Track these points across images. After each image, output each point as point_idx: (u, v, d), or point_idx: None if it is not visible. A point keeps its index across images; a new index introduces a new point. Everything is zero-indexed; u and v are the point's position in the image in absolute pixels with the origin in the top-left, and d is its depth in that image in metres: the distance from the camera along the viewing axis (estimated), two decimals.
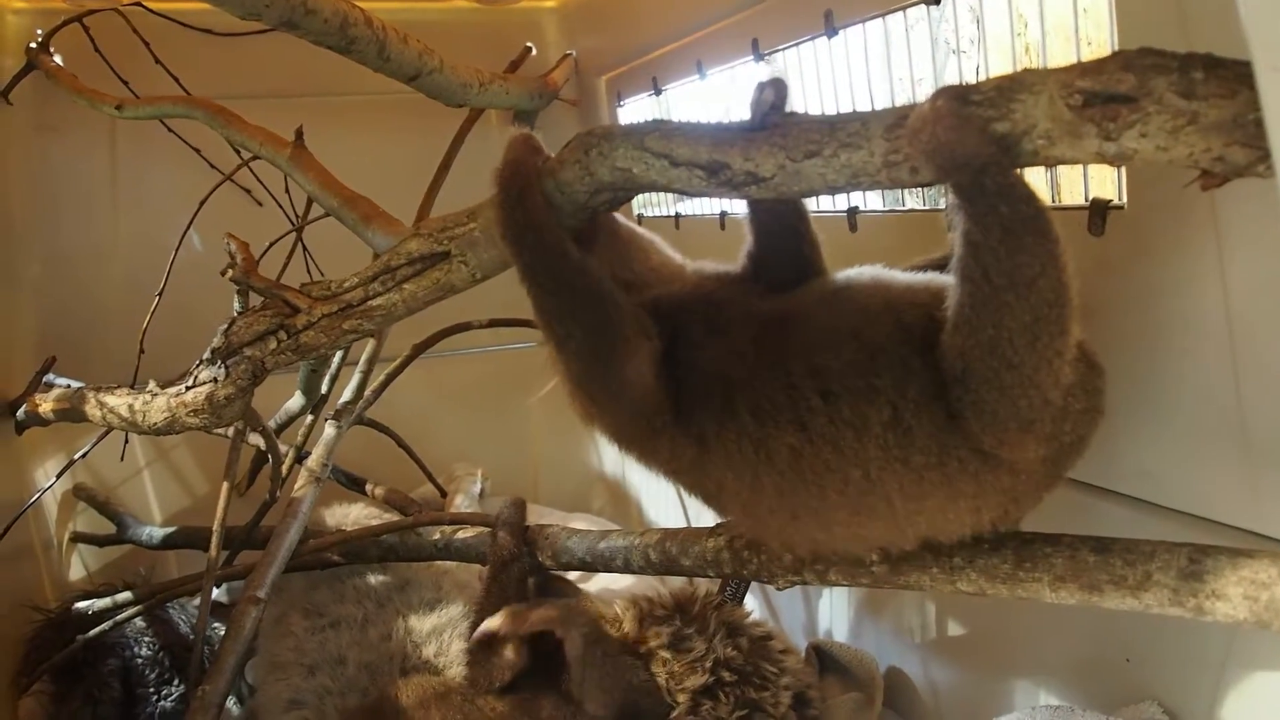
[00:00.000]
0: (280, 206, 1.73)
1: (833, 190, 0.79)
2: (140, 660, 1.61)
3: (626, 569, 1.20)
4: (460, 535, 1.42)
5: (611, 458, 2.32)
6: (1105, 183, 0.96)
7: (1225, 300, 0.84)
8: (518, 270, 0.88)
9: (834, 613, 1.54)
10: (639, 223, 2.04)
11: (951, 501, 0.84)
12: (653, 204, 2.02)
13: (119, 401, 1.12)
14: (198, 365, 1.05)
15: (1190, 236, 0.85)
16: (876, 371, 0.83)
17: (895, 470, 0.83)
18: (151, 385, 1.10)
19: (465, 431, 2.21)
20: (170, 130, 1.82)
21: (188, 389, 1.05)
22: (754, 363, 0.87)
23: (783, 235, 0.95)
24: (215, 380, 1.02)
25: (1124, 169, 0.91)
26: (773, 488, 0.88)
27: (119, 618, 1.48)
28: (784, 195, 0.80)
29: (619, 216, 1.01)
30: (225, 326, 1.03)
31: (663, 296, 0.95)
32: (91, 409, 1.16)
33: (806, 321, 0.88)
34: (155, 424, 1.08)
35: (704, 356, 0.90)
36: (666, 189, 0.85)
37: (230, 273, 1.06)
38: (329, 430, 1.54)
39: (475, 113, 1.74)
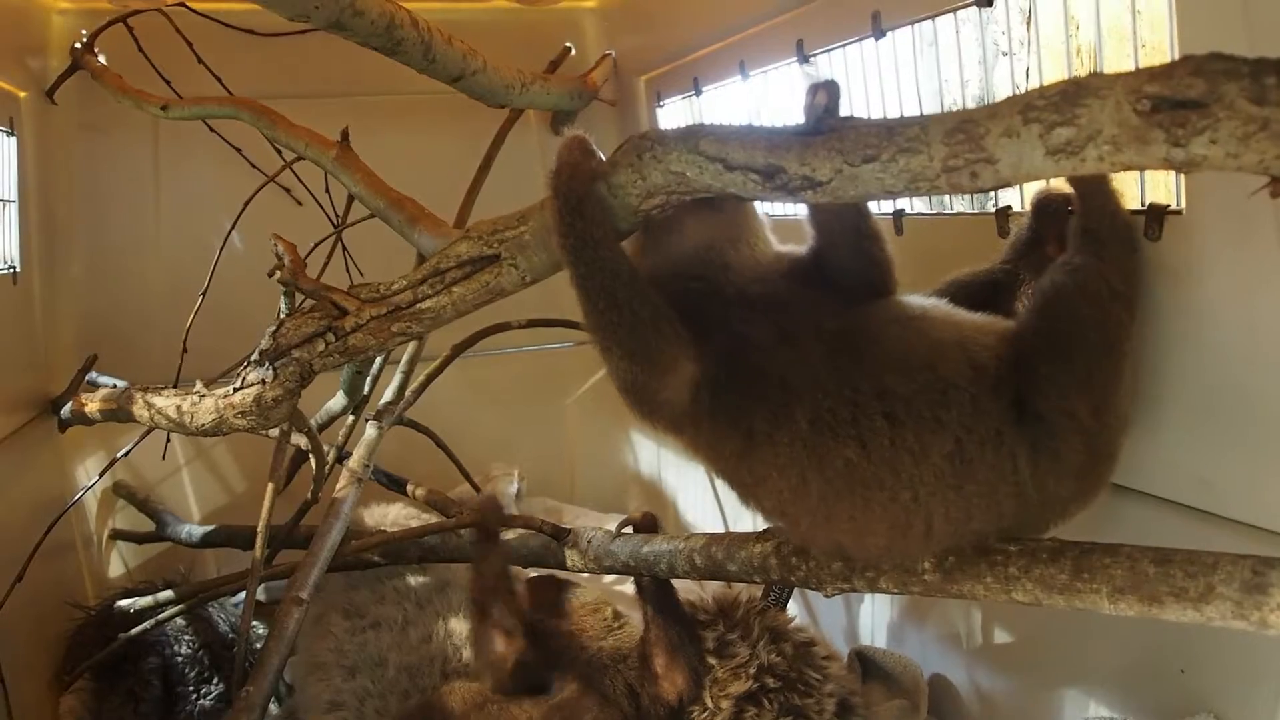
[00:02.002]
0: (320, 206, 1.73)
1: (890, 195, 0.78)
2: (180, 659, 1.62)
3: (671, 573, 1.20)
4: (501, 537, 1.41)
5: (647, 458, 2.31)
6: (1161, 187, 0.95)
7: None
8: (571, 279, 0.89)
9: (876, 618, 1.53)
10: None
11: (988, 526, 0.89)
12: None
13: (167, 403, 1.12)
14: (245, 367, 1.05)
15: (1252, 242, 0.84)
16: (946, 405, 0.86)
17: (947, 497, 0.86)
18: (199, 386, 1.11)
19: (502, 431, 2.22)
20: (213, 130, 1.82)
21: (235, 390, 1.05)
22: (820, 374, 0.88)
23: (844, 234, 0.96)
24: (263, 382, 1.03)
25: (1182, 174, 0.90)
26: (817, 493, 0.89)
27: (160, 616, 1.49)
28: (841, 200, 0.79)
29: None
30: (273, 328, 1.03)
31: (743, 292, 0.96)
32: (139, 409, 1.16)
33: (879, 343, 0.90)
34: (203, 425, 1.08)
35: (768, 359, 0.90)
36: (721, 194, 0.84)
37: (278, 274, 1.06)
38: (370, 431, 1.54)
39: (515, 113, 1.74)
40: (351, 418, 1.61)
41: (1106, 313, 0.88)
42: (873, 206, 1.32)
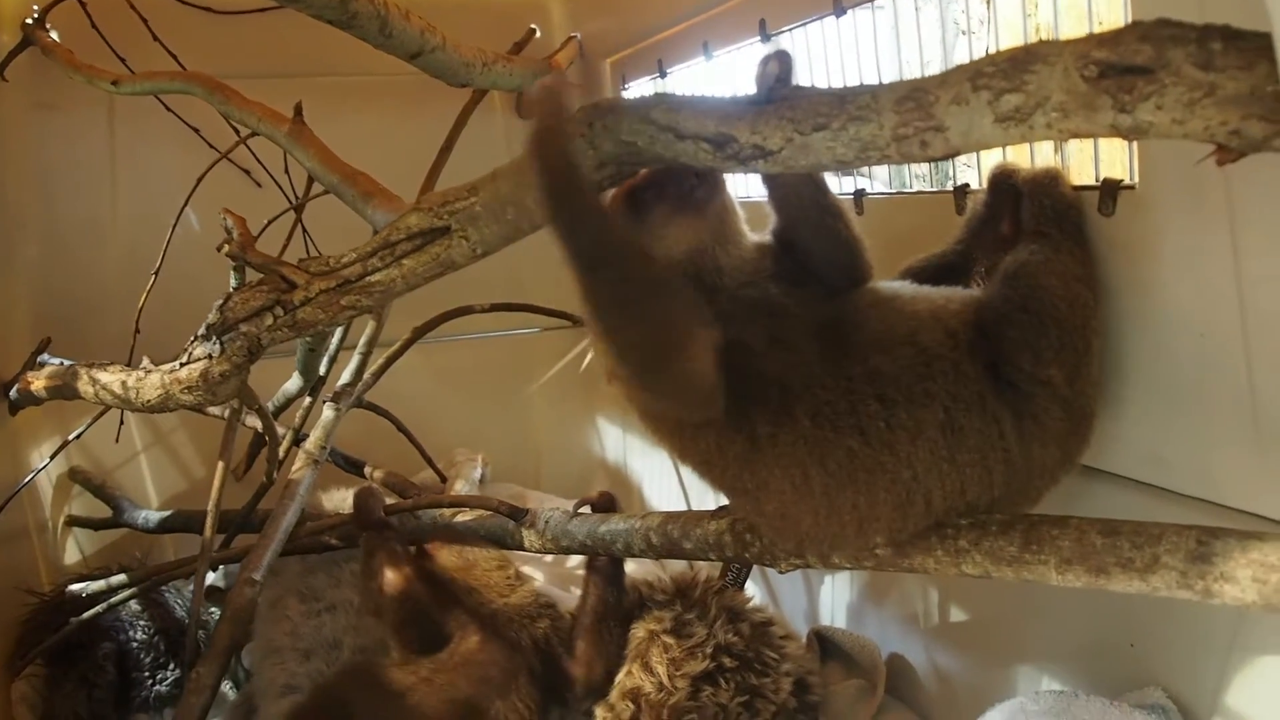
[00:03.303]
0: (280, 187, 1.71)
1: (841, 165, 0.77)
2: (135, 644, 1.61)
3: (628, 552, 1.19)
4: (460, 518, 1.41)
5: (613, 445, 2.31)
6: (1116, 163, 0.95)
7: (1238, 282, 0.82)
8: (565, 254, 0.80)
9: (836, 599, 1.53)
10: None
11: (982, 495, 0.89)
12: None
13: (112, 378, 1.11)
14: (192, 341, 1.03)
15: (1203, 217, 0.83)
16: (931, 375, 0.88)
17: (943, 470, 0.87)
18: (145, 362, 1.09)
19: (466, 417, 2.20)
20: (168, 109, 1.80)
21: (182, 365, 1.03)
22: (815, 371, 0.89)
23: (804, 211, 0.95)
24: (210, 357, 1.01)
25: (1136, 148, 0.90)
26: (821, 488, 0.89)
27: (113, 600, 1.47)
28: (793, 169, 0.78)
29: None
30: (221, 302, 1.01)
31: (736, 297, 0.94)
32: (84, 386, 1.14)
33: (861, 328, 0.91)
34: (149, 401, 1.06)
35: (764, 362, 0.90)
36: (672, 163, 0.83)
37: (226, 248, 1.04)
38: (327, 412, 1.53)
39: (478, 94, 1.72)
40: (310, 399, 1.60)
41: (1072, 290, 0.90)
42: (834, 186, 1.34)
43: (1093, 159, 0.97)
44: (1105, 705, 0.92)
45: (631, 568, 1.55)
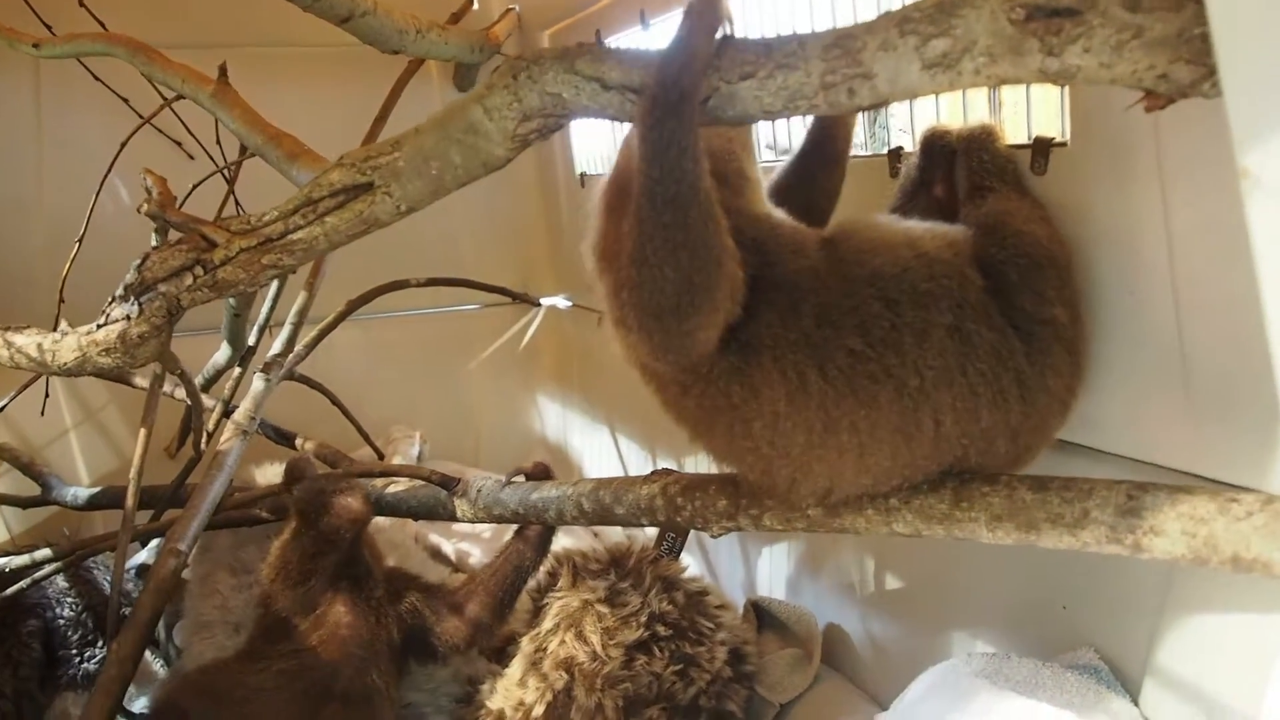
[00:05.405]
0: (212, 159, 1.67)
1: (769, 115, 0.76)
2: (62, 621, 1.58)
3: (560, 520, 1.18)
4: (391, 489, 1.38)
5: (553, 423, 2.30)
6: (1052, 121, 0.94)
7: (1168, 238, 0.82)
8: (642, 171, 0.76)
9: (773, 571, 1.52)
10: (581, 184, 2.01)
11: (997, 423, 0.84)
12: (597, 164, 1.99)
13: (27, 341, 1.07)
14: (110, 303, 1.00)
15: (1133, 172, 0.83)
16: (935, 277, 0.84)
17: (952, 381, 0.82)
18: (63, 325, 1.05)
19: (404, 395, 2.19)
20: (96, 78, 1.75)
21: (99, 327, 1.00)
22: (822, 272, 0.86)
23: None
24: (128, 318, 0.97)
25: (1067, 105, 0.89)
26: (818, 397, 0.83)
27: (37, 576, 1.43)
28: (721, 120, 0.77)
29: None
30: (139, 262, 0.98)
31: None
32: None
33: (854, 237, 0.88)
34: (65, 364, 1.03)
35: (776, 270, 0.86)
36: (599, 115, 0.82)
37: (145, 207, 1.01)
38: (257, 383, 1.49)
39: (414, 64, 1.69)
40: (240, 370, 1.56)
41: (1052, 230, 0.89)
42: (768, 154, 1.33)
43: (1024, 118, 0.96)
44: (1037, 666, 0.92)
45: (568, 543, 1.54)
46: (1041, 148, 0.91)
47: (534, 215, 2.28)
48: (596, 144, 2.00)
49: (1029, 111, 0.96)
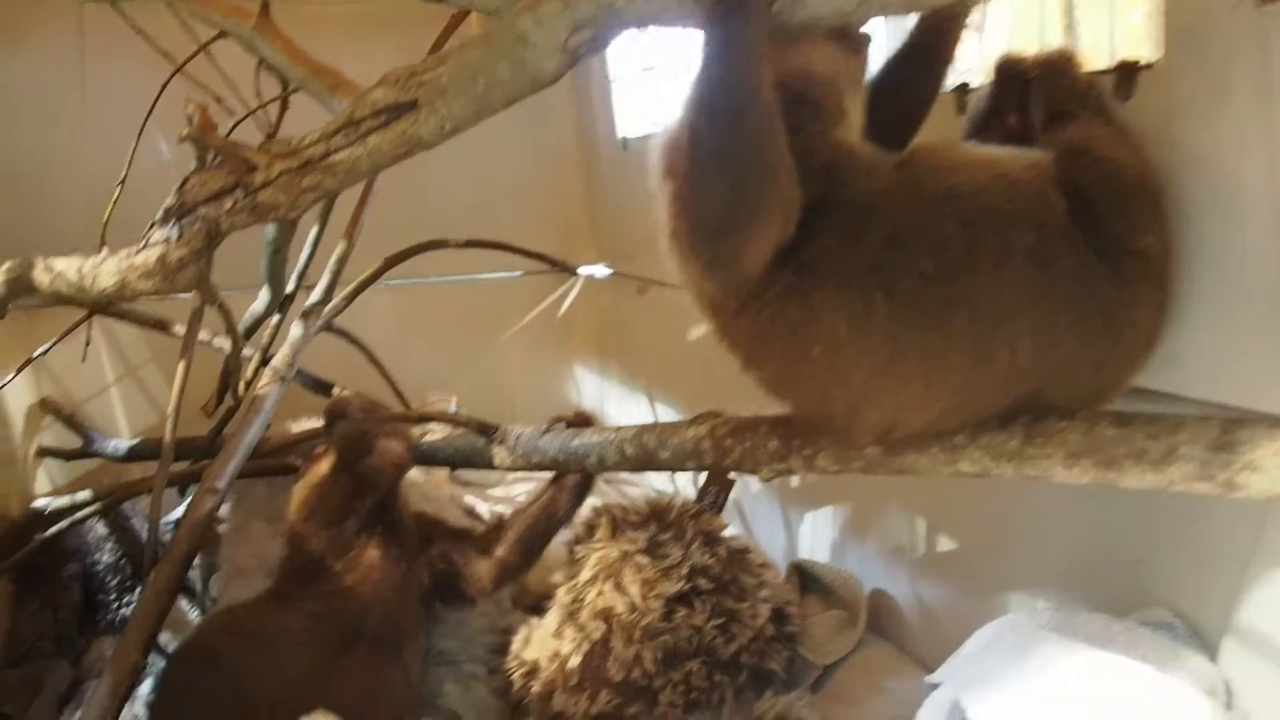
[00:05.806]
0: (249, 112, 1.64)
1: (841, 17, 0.71)
2: (101, 567, 1.60)
3: (601, 466, 1.14)
4: (428, 438, 1.35)
5: (590, 393, 2.26)
6: (1132, 44, 0.88)
7: (1273, 161, 0.75)
8: (700, 78, 0.73)
9: (816, 536, 1.48)
10: (623, 147, 1.97)
11: (1078, 354, 0.78)
12: None
13: (68, 265, 1.04)
14: (151, 227, 0.97)
15: (1235, 89, 0.77)
16: (1014, 197, 0.79)
17: (1030, 308, 0.77)
18: (104, 251, 1.03)
19: (440, 362, 2.16)
20: (137, 30, 1.72)
21: (139, 251, 0.97)
22: (894, 190, 0.80)
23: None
24: (168, 241, 0.95)
25: (1161, 20, 0.83)
26: (885, 319, 0.78)
27: (77, 516, 1.44)
28: (789, 24, 0.72)
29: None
30: (179, 185, 0.96)
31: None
32: (39, 274, 1.08)
33: (932, 156, 0.83)
34: (105, 289, 1.00)
35: (847, 192, 0.81)
36: (655, 21, 0.77)
37: (186, 133, 0.98)
38: (295, 330, 1.47)
39: (456, 19, 1.65)
40: (279, 317, 1.54)
41: (1141, 156, 0.83)
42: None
43: (1106, 42, 0.91)
44: (1108, 621, 0.87)
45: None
46: (1127, 72, 0.86)
47: (574, 181, 2.24)
48: (639, 107, 1.96)
49: (1112, 35, 0.90)
